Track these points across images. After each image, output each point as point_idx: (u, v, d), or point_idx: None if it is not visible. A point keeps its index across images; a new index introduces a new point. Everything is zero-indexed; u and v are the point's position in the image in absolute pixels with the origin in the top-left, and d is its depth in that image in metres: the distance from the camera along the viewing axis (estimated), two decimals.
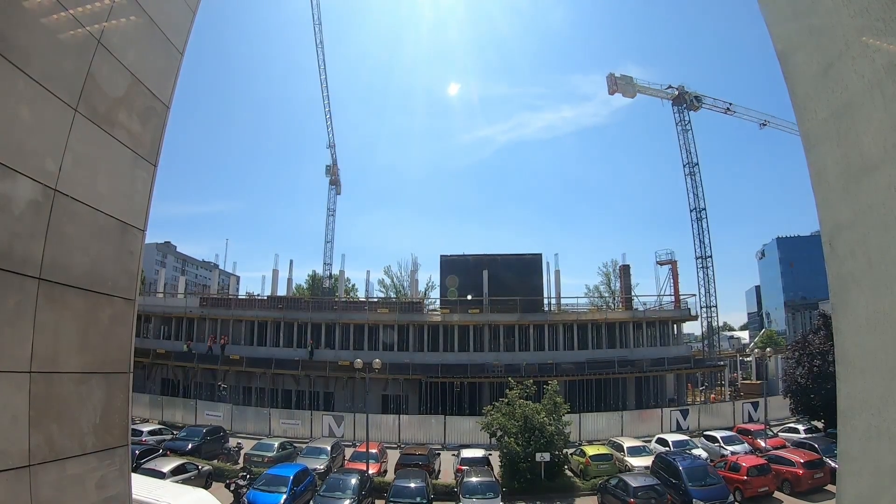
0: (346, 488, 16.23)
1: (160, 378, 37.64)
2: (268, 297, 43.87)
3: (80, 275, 3.65)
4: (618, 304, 49.61)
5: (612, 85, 49.02)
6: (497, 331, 37.81)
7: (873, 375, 2.55)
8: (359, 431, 26.20)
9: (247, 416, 30.32)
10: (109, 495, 3.88)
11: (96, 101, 3.72)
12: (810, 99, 3.01)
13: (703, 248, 46.94)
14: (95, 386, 3.81)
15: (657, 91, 49.86)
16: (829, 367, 22.76)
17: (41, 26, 3.29)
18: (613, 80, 48.87)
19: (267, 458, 20.66)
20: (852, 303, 2.76)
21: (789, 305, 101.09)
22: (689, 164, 48.03)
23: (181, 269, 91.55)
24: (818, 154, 3.00)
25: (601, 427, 28.57)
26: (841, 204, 2.83)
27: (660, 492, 16.41)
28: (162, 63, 4.53)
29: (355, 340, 37.58)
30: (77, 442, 3.59)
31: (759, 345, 55.30)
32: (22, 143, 3.16)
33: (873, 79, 2.45)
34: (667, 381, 39.10)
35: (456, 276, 41.19)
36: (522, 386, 21.74)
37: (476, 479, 17.35)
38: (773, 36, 3.38)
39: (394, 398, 35.81)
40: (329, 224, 57.66)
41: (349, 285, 60.42)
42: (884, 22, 2.35)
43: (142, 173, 4.34)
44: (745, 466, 18.22)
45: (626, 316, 40.43)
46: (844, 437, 2.86)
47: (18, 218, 3.12)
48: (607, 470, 20.24)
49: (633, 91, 49.45)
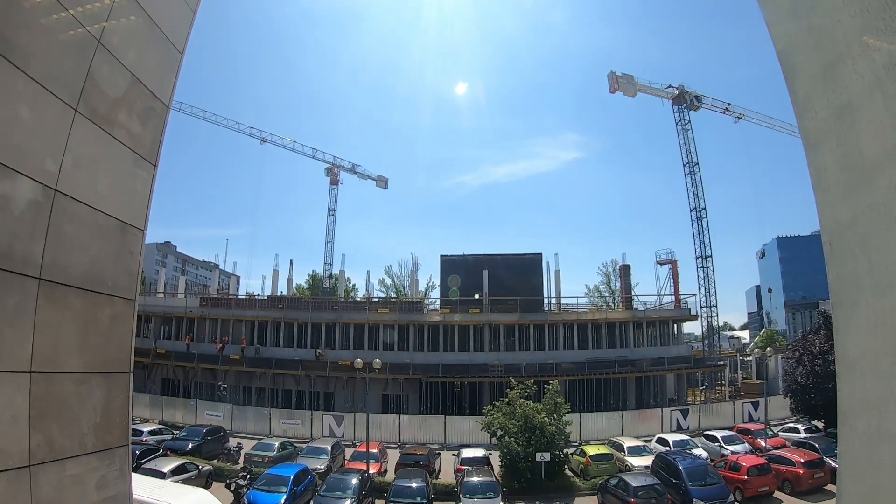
0: (347, 488, 16.23)
1: (160, 378, 37.67)
2: (268, 297, 43.92)
3: (81, 275, 3.65)
4: (618, 304, 49.63)
5: (612, 84, 48.97)
6: (497, 331, 37.81)
7: (874, 375, 2.55)
8: (359, 431, 26.20)
9: (247, 416, 30.32)
10: (109, 495, 3.88)
11: (96, 101, 3.72)
12: (810, 99, 3.01)
13: (703, 248, 46.94)
14: (95, 386, 3.81)
15: (658, 90, 49.84)
16: (829, 366, 22.73)
17: (41, 26, 3.29)
18: (615, 79, 48.83)
19: (267, 458, 20.65)
20: (852, 303, 2.76)
21: (789, 305, 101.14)
22: (690, 164, 48.00)
23: (181, 269, 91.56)
24: (818, 154, 3.00)
25: (601, 427, 28.56)
26: (841, 204, 2.82)
27: (660, 492, 16.41)
28: (162, 63, 4.53)
29: (355, 340, 37.59)
30: (77, 442, 3.59)
31: (760, 344, 55.25)
32: (22, 143, 3.16)
33: (873, 79, 2.44)
34: (667, 380, 39.11)
35: (457, 275, 41.17)
36: (523, 386, 21.73)
37: (476, 479, 17.34)
38: (773, 36, 3.38)
39: (394, 398, 35.83)
40: (329, 224, 57.75)
41: (349, 285, 60.50)
42: (884, 22, 2.35)
43: (142, 173, 4.34)
44: (745, 466, 18.21)
45: (627, 316, 40.43)
46: (844, 437, 2.86)
47: (18, 218, 3.12)
48: (607, 470, 20.23)
49: (633, 90, 49.39)
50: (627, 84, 48.95)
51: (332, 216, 57.81)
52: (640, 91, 49.68)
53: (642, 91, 49.75)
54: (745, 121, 50.45)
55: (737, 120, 50.31)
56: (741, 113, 50.12)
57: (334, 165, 57.53)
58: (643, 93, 49.91)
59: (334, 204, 57.85)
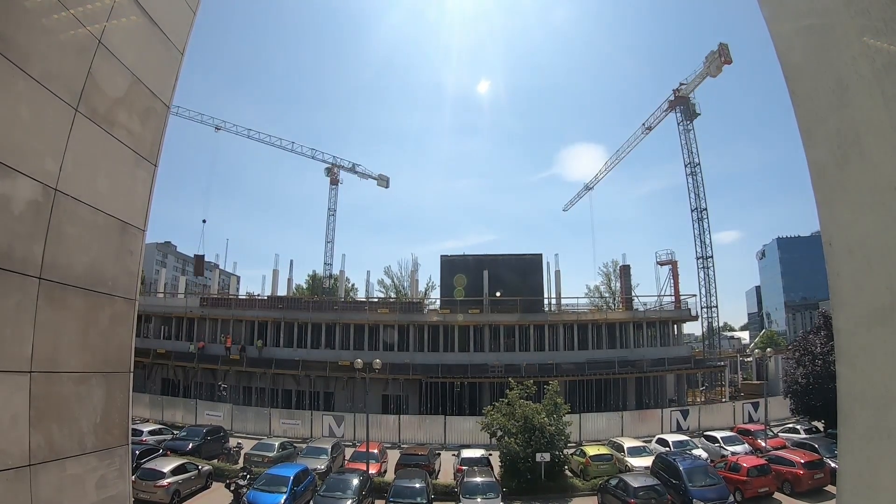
0: (347, 488, 16.22)
1: (160, 378, 37.66)
2: (268, 297, 43.90)
3: (81, 274, 3.65)
4: (618, 305, 49.60)
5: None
6: (497, 331, 37.80)
7: (873, 376, 2.54)
8: (359, 431, 26.19)
9: (247, 416, 30.31)
10: (109, 495, 3.89)
11: (97, 101, 3.72)
12: (810, 99, 3.01)
13: (703, 249, 46.94)
14: (95, 386, 3.81)
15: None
16: (829, 367, 22.72)
17: (41, 26, 3.29)
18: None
19: (267, 458, 20.63)
20: (852, 303, 2.75)
21: (789, 306, 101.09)
22: (691, 165, 47.99)
23: (181, 269, 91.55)
24: (818, 154, 3.00)
25: (601, 427, 28.54)
26: (841, 204, 2.82)
27: (660, 492, 16.39)
28: (162, 63, 4.53)
29: (355, 340, 37.57)
30: (77, 442, 3.59)
31: (760, 345, 55.25)
32: (22, 143, 3.16)
33: (873, 79, 2.44)
34: (667, 381, 39.08)
35: (462, 275, 41.05)
36: (522, 386, 21.72)
37: (476, 480, 17.33)
38: (773, 36, 3.38)
39: (394, 398, 35.81)
40: (329, 224, 57.70)
41: (349, 285, 60.46)
42: (884, 22, 2.35)
43: (142, 173, 4.34)
44: (745, 467, 18.19)
45: (627, 316, 40.41)
46: (844, 437, 2.85)
47: (18, 218, 3.12)
48: (607, 470, 20.22)
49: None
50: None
51: (332, 216, 57.80)
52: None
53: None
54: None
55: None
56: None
57: (334, 165, 57.41)
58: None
59: (334, 204, 57.85)
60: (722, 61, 43.88)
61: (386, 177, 59.02)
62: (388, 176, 59.13)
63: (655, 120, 50.18)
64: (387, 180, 58.74)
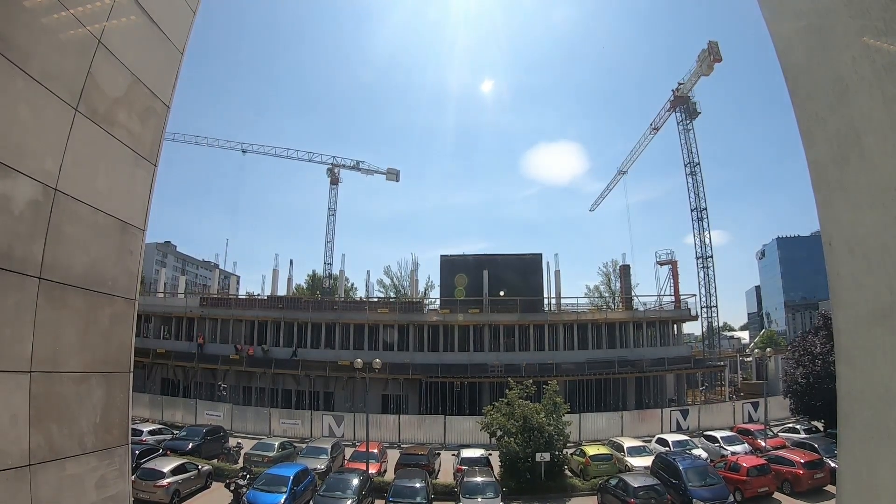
0: (347, 488, 16.22)
1: (160, 378, 37.66)
2: (268, 296, 43.92)
3: (80, 274, 3.65)
4: (618, 305, 49.60)
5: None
6: (497, 331, 37.80)
7: (873, 375, 2.55)
8: (359, 431, 26.19)
9: (247, 415, 30.31)
10: (109, 495, 3.89)
11: (96, 101, 3.72)
12: (810, 99, 3.01)
13: (703, 248, 46.98)
14: (95, 385, 3.81)
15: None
16: (829, 367, 22.73)
17: (41, 26, 3.29)
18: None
19: (267, 458, 20.63)
20: (852, 302, 2.76)
21: (789, 306, 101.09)
22: (691, 164, 48.03)
23: (181, 269, 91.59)
24: (818, 154, 3.00)
25: (601, 427, 28.55)
26: (841, 204, 2.83)
27: (660, 492, 16.40)
28: (162, 63, 4.53)
29: (355, 340, 37.58)
30: (77, 442, 3.59)
31: (760, 345, 55.25)
32: (22, 143, 3.16)
33: (873, 79, 2.44)
34: (667, 381, 39.10)
35: (463, 275, 41.05)
36: (522, 386, 21.72)
37: (476, 479, 17.33)
38: (773, 36, 3.38)
39: (394, 398, 35.82)
40: (329, 224, 57.70)
41: (349, 285, 60.46)
42: (884, 22, 2.35)
43: (142, 173, 4.34)
44: (745, 466, 18.20)
45: (626, 316, 40.42)
46: (844, 436, 2.86)
47: (18, 218, 3.12)
48: (607, 470, 20.22)
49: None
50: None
51: (332, 216, 57.80)
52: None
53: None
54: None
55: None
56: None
57: (334, 165, 57.41)
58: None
59: (334, 204, 57.84)
60: (712, 59, 43.83)
61: (395, 170, 57.60)
62: (397, 169, 57.73)
63: (661, 120, 50.22)
64: (396, 173, 57.46)
